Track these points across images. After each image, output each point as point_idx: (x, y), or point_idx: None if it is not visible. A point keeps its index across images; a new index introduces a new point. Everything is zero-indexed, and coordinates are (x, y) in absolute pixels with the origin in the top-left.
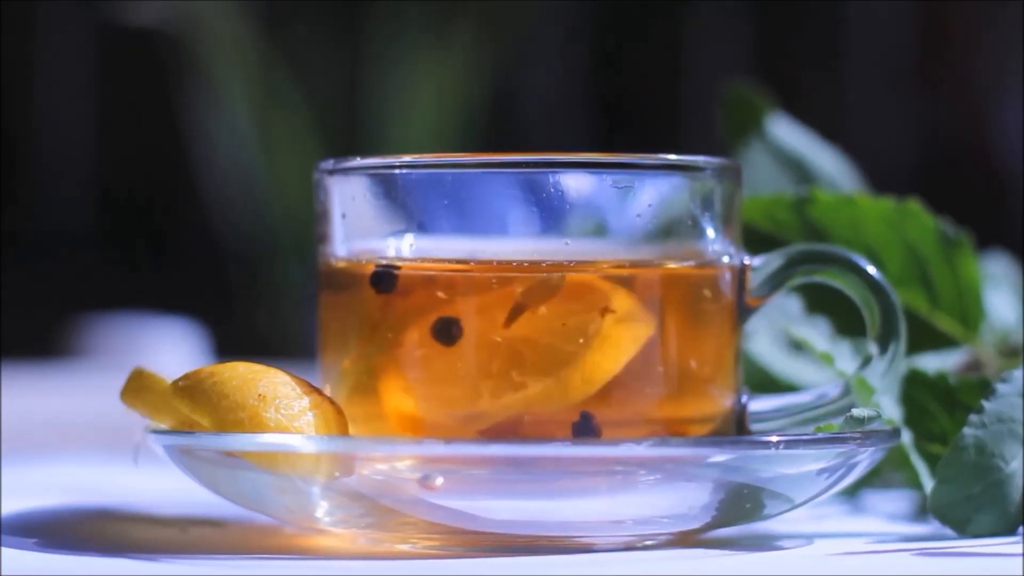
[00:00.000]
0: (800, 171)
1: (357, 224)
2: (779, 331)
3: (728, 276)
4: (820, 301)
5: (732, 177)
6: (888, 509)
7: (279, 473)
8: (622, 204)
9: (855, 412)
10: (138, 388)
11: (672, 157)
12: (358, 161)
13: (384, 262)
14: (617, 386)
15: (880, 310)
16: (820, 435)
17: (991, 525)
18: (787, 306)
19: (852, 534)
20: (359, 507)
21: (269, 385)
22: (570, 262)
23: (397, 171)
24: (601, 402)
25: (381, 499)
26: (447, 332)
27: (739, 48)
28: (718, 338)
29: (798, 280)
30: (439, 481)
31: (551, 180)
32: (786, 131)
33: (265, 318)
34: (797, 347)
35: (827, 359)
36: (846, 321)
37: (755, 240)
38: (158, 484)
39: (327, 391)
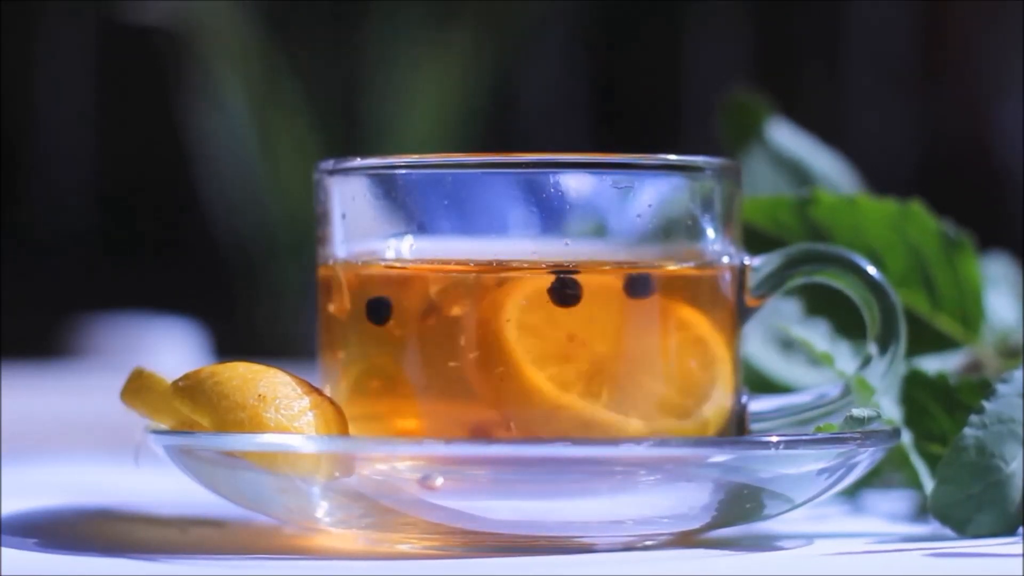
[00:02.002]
0: (800, 176)
1: (357, 224)
2: (772, 332)
3: (728, 276)
4: (820, 301)
5: (732, 177)
6: (888, 509)
7: (279, 473)
8: (622, 204)
9: (855, 412)
10: (138, 388)
11: (672, 157)
12: (358, 161)
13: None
14: (617, 386)
15: (880, 310)
16: (820, 435)
17: (991, 525)
18: (781, 307)
19: (852, 534)
20: (359, 507)
21: (269, 385)
22: (570, 262)
23: (397, 171)
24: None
25: (381, 499)
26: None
27: (739, 48)
28: (718, 338)
29: (798, 280)
30: (439, 481)
31: (551, 180)
32: (786, 136)
33: (265, 318)
34: (790, 348)
35: (827, 359)
36: (846, 321)
37: (756, 241)
38: (158, 484)
39: (327, 391)
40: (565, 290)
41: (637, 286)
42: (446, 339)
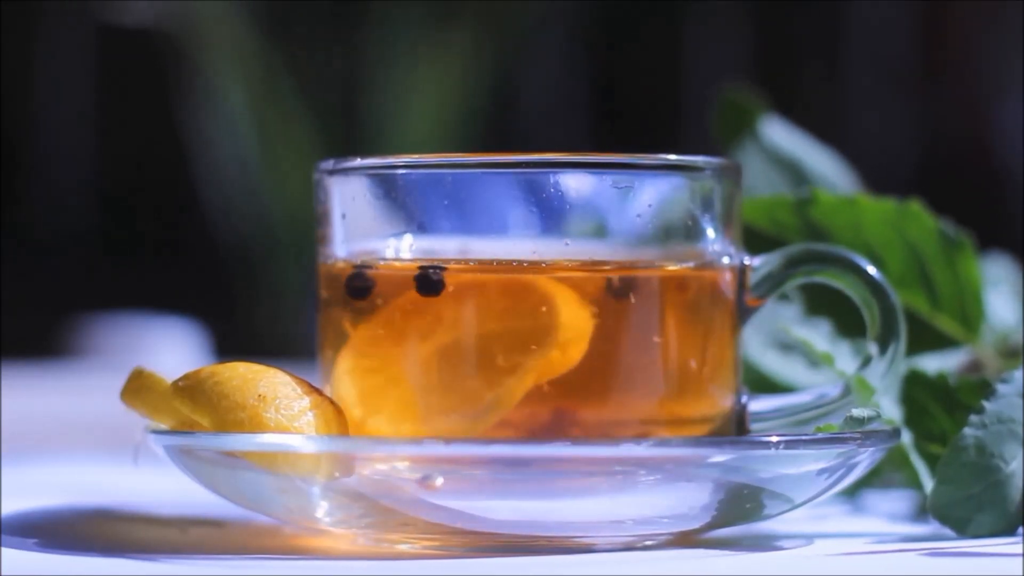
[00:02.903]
0: (795, 173)
1: (357, 224)
2: (771, 332)
3: (728, 276)
4: (820, 301)
5: (732, 177)
6: (888, 509)
7: (279, 473)
8: (622, 204)
9: (855, 412)
10: (138, 388)
11: (672, 157)
12: (358, 161)
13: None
14: (617, 386)
15: (880, 310)
16: (820, 435)
17: (991, 525)
18: (782, 308)
19: (852, 534)
20: (359, 507)
21: (269, 385)
22: (569, 262)
23: (397, 171)
24: (601, 402)
25: (381, 499)
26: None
27: (739, 48)
28: (718, 338)
29: (798, 280)
30: (439, 481)
31: (551, 180)
32: (780, 134)
33: (265, 318)
34: (789, 348)
35: (827, 359)
36: (846, 321)
37: (756, 241)
38: (158, 484)
39: (327, 391)
40: (354, 283)
41: (425, 285)
42: None
